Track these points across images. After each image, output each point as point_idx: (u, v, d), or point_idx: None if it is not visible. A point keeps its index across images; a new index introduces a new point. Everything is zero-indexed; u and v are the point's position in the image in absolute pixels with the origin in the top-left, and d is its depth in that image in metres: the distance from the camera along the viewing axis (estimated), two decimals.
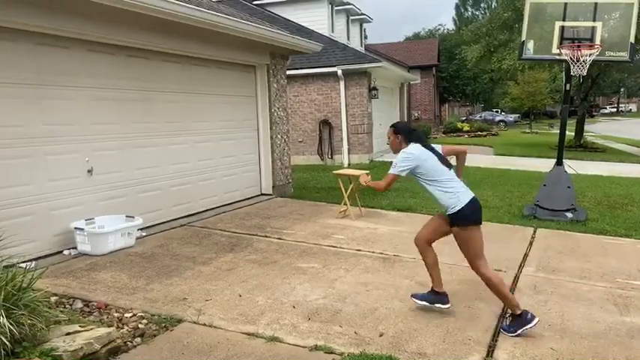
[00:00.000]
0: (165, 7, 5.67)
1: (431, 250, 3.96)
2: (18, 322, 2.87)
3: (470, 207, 3.71)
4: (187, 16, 6.06)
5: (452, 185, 3.77)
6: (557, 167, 7.67)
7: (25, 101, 5.01)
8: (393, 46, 35.70)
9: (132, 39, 6.01)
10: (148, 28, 6.07)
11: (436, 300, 3.91)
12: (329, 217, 7.23)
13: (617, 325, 3.80)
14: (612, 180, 11.63)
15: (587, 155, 17.94)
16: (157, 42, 6.38)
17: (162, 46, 6.49)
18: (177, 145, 6.98)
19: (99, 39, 5.64)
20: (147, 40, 6.22)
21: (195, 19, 6.20)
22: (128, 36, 5.93)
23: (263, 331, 3.54)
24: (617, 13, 7.54)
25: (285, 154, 9.48)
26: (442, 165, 3.84)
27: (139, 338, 3.43)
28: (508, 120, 42.80)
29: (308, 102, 15.14)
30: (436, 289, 3.94)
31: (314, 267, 5.00)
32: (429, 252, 3.95)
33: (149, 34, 6.18)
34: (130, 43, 6.04)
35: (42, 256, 5.07)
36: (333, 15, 19.33)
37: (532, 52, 7.55)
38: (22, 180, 4.97)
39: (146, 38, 6.18)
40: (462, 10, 59.72)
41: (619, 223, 7.09)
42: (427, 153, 3.87)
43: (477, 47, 19.76)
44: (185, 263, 5.03)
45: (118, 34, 5.80)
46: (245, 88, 8.58)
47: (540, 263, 5.27)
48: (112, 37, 5.74)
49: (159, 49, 6.50)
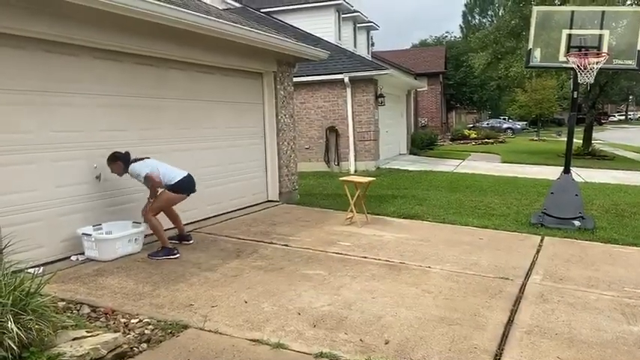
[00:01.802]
0: (173, 16, 5.73)
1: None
2: (26, 327, 2.89)
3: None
4: (195, 24, 6.11)
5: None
6: (564, 175, 7.64)
7: (34, 108, 5.07)
8: (400, 53, 35.76)
9: (139, 46, 6.07)
10: (155, 36, 6.13)
11: None
12: (335, 224, 7.24)
13: (624, 334, 3.77)
14: (620, 188, 11.56)
15: (595, 163, 17.86)
16: (165, 49, 6.44)
17: (169, 53, 6.55)
18: (184, 151, 7.02)
19: (106, 46, 5.69)
20: (154, 47, 6.27)
21: (203, 27, 6.26)
22: (136, 44, 5.99)
23: (268, 338, 3.54)
24: (625, 21, 7.53)
25: (292, 161, 9.50)
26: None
27: (145, 344, 3.45)
28: (515, 127, 42.66)
29: (315, 109, 15.19)
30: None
31: (320, 274, 5.00)
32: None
33: (157, 42, 6.24)
34: (137, 50, 6.09)
35: (50, 261, 5.10)
36: (340, 22, 19.42)
37: (539, 59, 7.55)
38: (31, 186, 5.02)
39: (153, 46, 6.24)
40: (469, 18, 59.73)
41: (627, 232, 7.04)
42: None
43: (484, 54, 19.79)
44: (191, 269, 5.05)
45: (126, 42, 5.86)
46: (252, 95, 8.63)
47: (547, 271, 5.24)
48: (119, 44, 5.80)
49: (166, 56, 6.56)
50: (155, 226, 5.49)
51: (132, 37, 5.87)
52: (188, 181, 5.65)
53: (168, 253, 5.41)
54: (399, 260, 5.50)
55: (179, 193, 5.61)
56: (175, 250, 5.47)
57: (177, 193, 5.58)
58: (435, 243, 6.28)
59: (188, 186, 5.67)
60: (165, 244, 5.47)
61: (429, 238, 6.56)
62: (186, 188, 5.66)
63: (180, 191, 5.60)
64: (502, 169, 16.31)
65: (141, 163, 5.55)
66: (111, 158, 5.50)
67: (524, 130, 43.37)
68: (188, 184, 5.66)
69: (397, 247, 6.04)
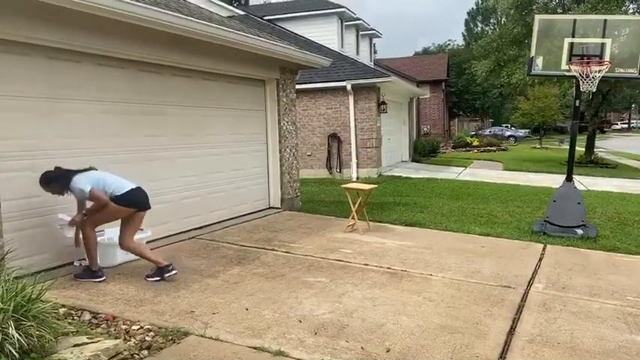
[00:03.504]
0: (176, 23, 5.76)
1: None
2: (27, 333, 2.89)
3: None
4: (198, 32, 6.14)
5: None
6: (567, 183, 7.62)
7: (37, 114, 5.09)
8: (403, 60, 35.88)
9: (142, 53, 6.10)
10: (158, 43, 6.16)
11: None
12: (337, 231, 7.23)
13: (627, 343, 3.75)
14: (623, 196, 11.54)
15: (597, 171, 17.83)
16: (168, 56, 6.47)
17: (172, 60, 6.57)
18: (187, 158, 7.04)
19: (110, 53, 5.72)
20: (157, 54, 6.30)
21: (206, 34, 6.29)
22: (139, 50, 6.02)
23: (269, 345, 3.53)
24: (627, 29, 7.55)
25: (294, 168, 9.52)
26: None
27: (145, 351, 3.44)
28: (518, 135, 42.67)
29: (317, 116, 15.23)
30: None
31: (321, 281, 4.99)
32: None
33: (160, 49, 6.27)
34: (140, 57, 6.12)
35: (52, 267, 5.10)
36: (343, 30, 19.50)
37: (541, 67, 7.56)
38: (34, 192, 5.03)
39: (157, 53, 6.28)
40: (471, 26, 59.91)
41: (630, 240, 7.01)
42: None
43: (486, 62, 19.85)
44: (193, 276, 5.05)
45: (129, 49, 5.89)
46: (254, 102, 8.66)
47: (550, 280, 5.22)
48: (122, 51, 5.83)
49: (169, 63, 6.59)
50: (88, 239, 4.79)
51: (135, 44, 5.90)
52: (139, 194, 4.92)
53: (92, 275, 4.79)
54: (400, 268, 5.49)
55: (126, 207, 4.81)
56: (100, 272, 4.80)
57: (123, 206, 4.77)
58: (436, 251, 6.27)
59: (138, 199, 4.89)
60: (92, 265, 4.82)
61: (431, 245, 6.55)
62: (136, 202, 4.87)
63: (127, 204, 4.80)
64: (504, 176, 16.30)
65: (81, 176, 4.74)
66: (43, 181, 4.72)
67: (526, 137, 43.38)
68: (138, 197, 4.90)
69: (399, 255, 6.03)
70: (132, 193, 4.85)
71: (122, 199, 4.77)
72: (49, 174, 4.75)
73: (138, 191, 4.91)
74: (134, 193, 4.87)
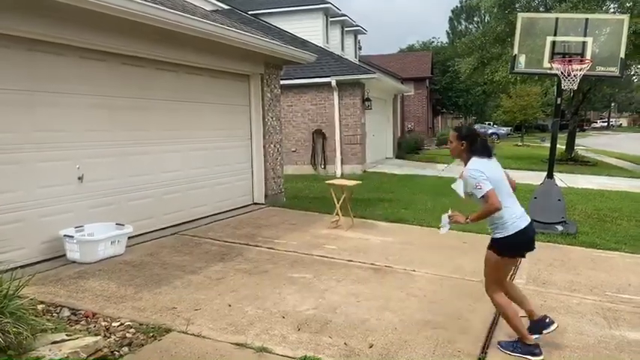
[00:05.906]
0: (159, 16, 5.68)
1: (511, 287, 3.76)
2: (3, 331, 2.83)
3: (517, 237, 3.52)
4: (182, 25, 6.07)
5: (512, 212, 3.56)
6: (547, 180, 7.71)
7: (16, 107, 4.98)
8: (387, 57, 35.93)
9: (126, 47, 6.00)
10: (142, 37, 6.08)
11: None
12: (321, 227, 7.22)
13: (606, 338, 3.81)
14: (602, 193, 11.71)
15: (577, 169, 18.07)
16: (152, 50, 6.38)
17: (156, 54, 6.49)
18: (169, 153, 6.96)
19: (93, 46, 5.63)
20: (141, 48, 6.22)
21: (190, 27, 6.21)
22: (123, 44, 5.93)
23: (252, 342, 3.51)
24: (608, 28, 7.65)
25: (278, 164, 9.48)
26: (507, 187, 3.67)
27: (126, 347, 3.40)
28: (500, 133, 43.08)
29: (302, 112, 15.18)
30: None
31: (305, 277, 4.98)
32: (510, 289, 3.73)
33: (144, 43, 6.18)
34: (124, 50, 6.03)
35: (30, 263, 5.01)
36: (328, 26, 19.44)
37: (524, 65, 7.64)
38: (11, 186, 4.93)
39: (140, 46, 6.19)
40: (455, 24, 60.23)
41: (609, 237, 7.13)
42: (497, 174, 3.61)
43: (470, 60, 19.97)
44: (175, 272, 5.00)
45: (112, 42, 5.79)
46: (239, 98, 8.60)
47: (530, 275, 5.28)
48: (106, 44, 5.74)
49: (153, 57, 6.50)
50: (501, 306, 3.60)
51: (118, 37, 5.80)
52: (530, 229, 3.64)
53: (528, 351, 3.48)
54: (384, 264, 5.50)
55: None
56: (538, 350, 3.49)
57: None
58: (420, 246, 6.30)
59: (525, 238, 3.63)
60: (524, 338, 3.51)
61: (414, 241, 6.58)
62: (524, 241, 3.65)
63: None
64: None
65: (479, 163, 3.65)
66: (460, 130, 3.86)
67: (508, 135, 43.83)
68: (528, 234, 3.63)
69: (382, 251, 6.04)
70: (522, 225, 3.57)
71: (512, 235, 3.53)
72: (470, 129, 3.89)
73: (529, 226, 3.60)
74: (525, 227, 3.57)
